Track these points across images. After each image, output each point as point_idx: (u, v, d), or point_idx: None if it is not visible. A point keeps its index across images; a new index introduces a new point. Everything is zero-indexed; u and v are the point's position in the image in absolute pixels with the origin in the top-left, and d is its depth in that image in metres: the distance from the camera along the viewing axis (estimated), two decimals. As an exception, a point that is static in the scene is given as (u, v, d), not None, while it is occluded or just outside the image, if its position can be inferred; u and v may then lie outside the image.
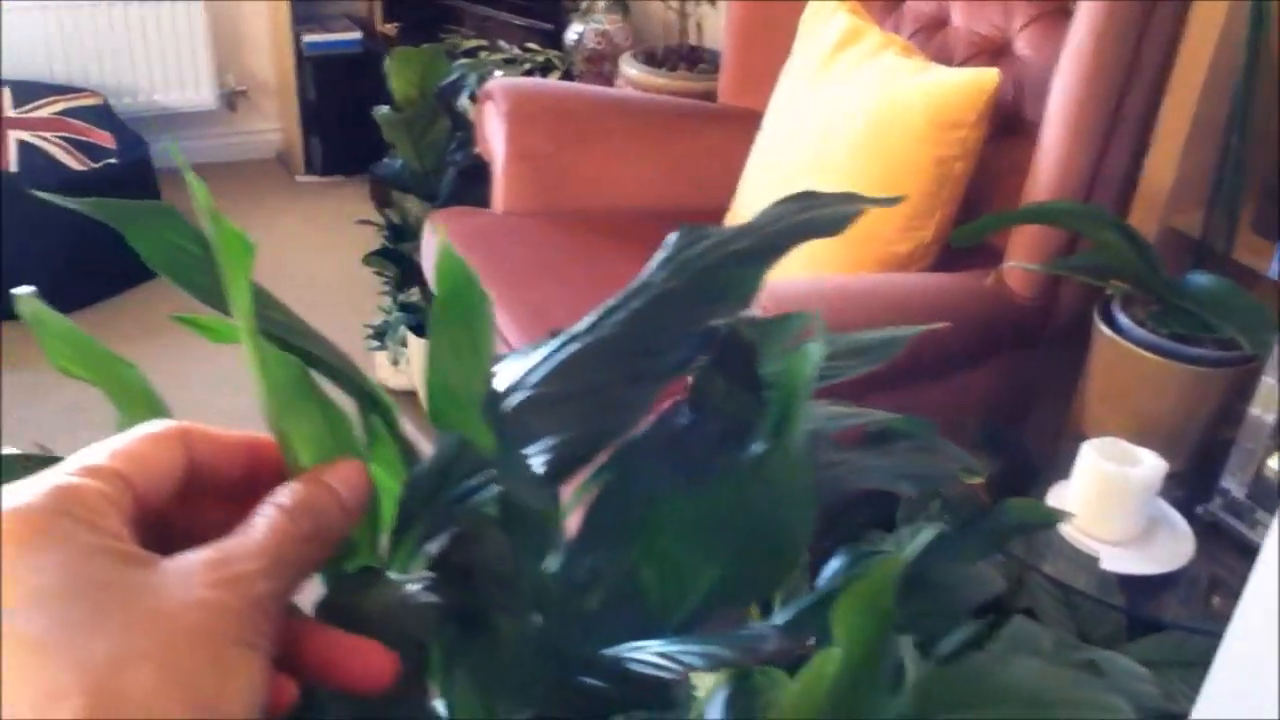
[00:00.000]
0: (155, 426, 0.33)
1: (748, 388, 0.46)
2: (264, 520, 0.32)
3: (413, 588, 0.34)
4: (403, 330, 2.44)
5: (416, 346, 2.40)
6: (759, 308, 0.48)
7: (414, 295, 2.43)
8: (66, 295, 2.69)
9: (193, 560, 0.30)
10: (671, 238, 0.42)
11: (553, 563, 0.36)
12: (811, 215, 0.40)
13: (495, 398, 0.31)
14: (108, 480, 0.31)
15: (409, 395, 2.38)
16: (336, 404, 0.40)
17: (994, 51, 1.79)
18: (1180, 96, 1.48)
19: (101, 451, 0.32)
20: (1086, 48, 1.49)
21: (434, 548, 0.41)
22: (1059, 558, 1.27)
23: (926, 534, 0.44)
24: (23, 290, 0.40)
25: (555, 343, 0.41)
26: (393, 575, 0.37)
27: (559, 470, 0.37)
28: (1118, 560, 1.24)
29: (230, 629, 0.29)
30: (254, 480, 0.35)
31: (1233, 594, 1.28)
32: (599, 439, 0.38)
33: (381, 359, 2.49)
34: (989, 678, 0.42)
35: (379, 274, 2.52)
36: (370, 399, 0.45)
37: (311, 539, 0.33)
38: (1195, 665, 1.18)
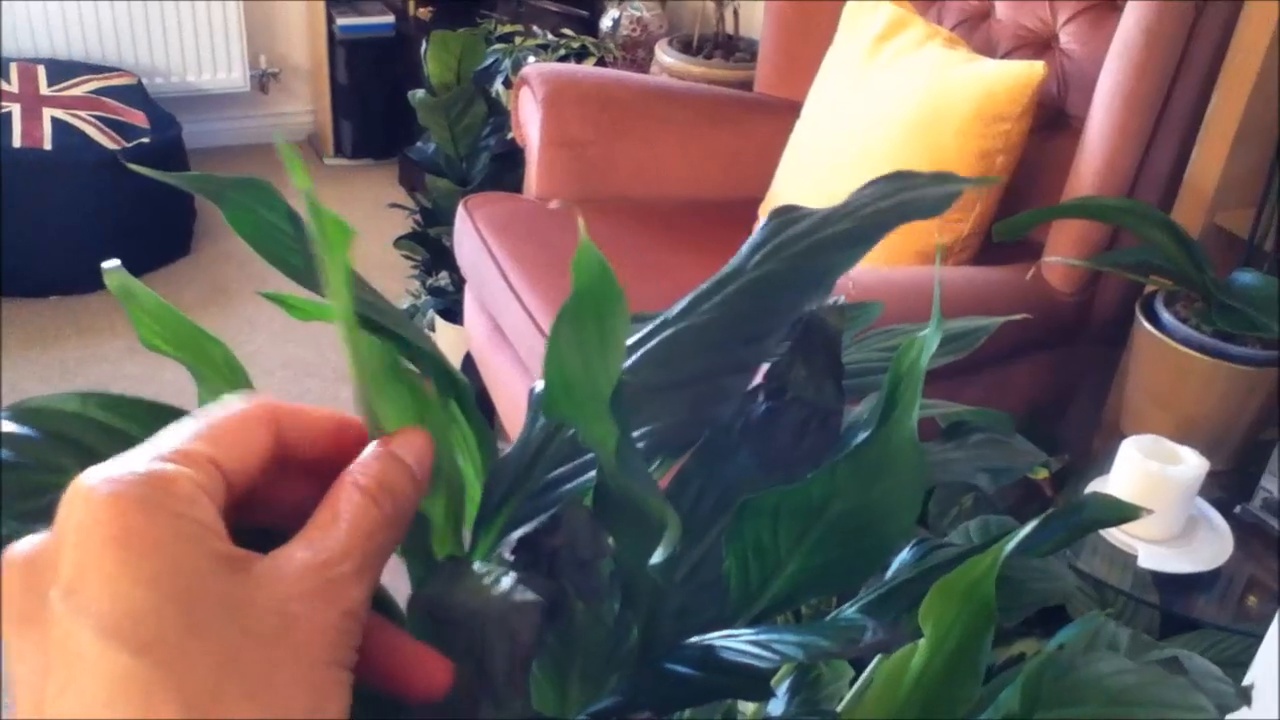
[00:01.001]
0: (244, 404, 0.31)
1: (831, 376, 0.45)
2: (349, 508, 0.30)
3: (507, 582, 0.33)
4: (431, 314, 2.45)
5: (445, 331, 2.41)
6: (844, 294, 0.47)
7: (443, 279, 2.44)
8: (98, 273, 2.71)
9: (287, 566, 0.28)
10: (763, 220, 0.42)
11: (658, 557, 0.36)
12: (910, 196, 0.39)
13: (620, 395, 0.30)
14: (201, 467, 0.28)
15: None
16: (424, 388, 0.39)
17: (1038, 45, 1.77)
18: (1229, 94, 1.46)
19: (190, 432, 0.29)
20: (1136, 43, 1.47)
21: (517, 535, 0.40)
22: (1095, 554, 1.26)
23: (1010, 530, 0.43)
24: (111, 264, 0.39)
25: (646, 329, 0.41)
26: (478, 566, 0.36)
27: (658, 459, 0.37)
28: (1155, 558, 1.24)
29: (327, 650, 0.27)
30: (338, 461, 0.33)
31: (1270, 594, 1.27)
32: (698, 429, 0.37)
33: (411, 343, 2.50)
34: (1071, 675, 0.42)
35: (408, 258, 2.52)
36: (449, 382, 0.45)
37: (393, 522, 0.31)
38: (1230, 665, 1.18)
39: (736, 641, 0.35)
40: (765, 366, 0.46)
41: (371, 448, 0.33)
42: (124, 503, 0.26)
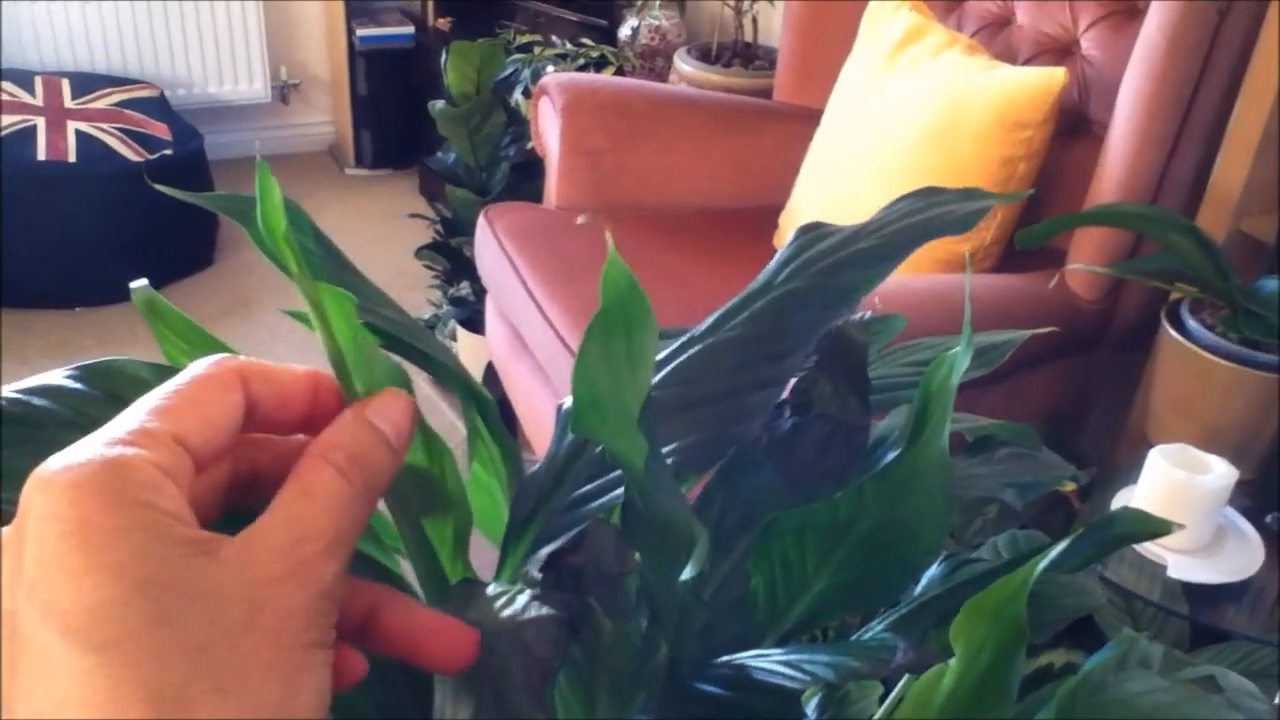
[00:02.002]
0: (209, 367, 0.30)
1: (856, 392, 0.45)
2: (318, 482, 0.29)
3: (522, 600, 0.33)
4: (452, 324, 2.45)
5: (466, 340, 2.41)
6: (871, 306, 0.47)
7: (464, 289, 2.44)
8: (121, 284, 2.73)
9: (256, 548, 0.27)
10: (790, 237, 0.42)
11: (688, 573, 0.35)
12: (936, 213, 0.39)
13: (649, 411, 0.30)
14: (163, 446, 0.27)
15: (459, 388, 2.38)
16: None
17: (1059, 51, 1.76)
18: (1253, 100, 1.45)
19: (150, 407, 0.28)
20: (1158, 49, 1.46)
21: (544, 552, 0.40)
22: (1123, 564, 1.25)
23: (1040, 546, 0.43)
24: (138, 283, 0.39)
25: (674, 344, 0.41)
26: (499, 585, 0.36)
27: (683, 476, 0.37)
28: (1184, 568, 1.22)
29: (300, 631, 0.27)
30: (316, 420, 0.32)
31: (1301, 606, 1.25)
32: (725, 446, 0.37)
33: (431, 352, 2.50)
34: (1102, 695, 0.42)
35: (429, 267, 2.53)
36: (473, 396, 0.45)
37: (365, 495, 0.30)
38: (1262, 678, 1.16)
39: (766, 661, 0.35)
40: (791, 382, 0.46)
41: (345, 414, 0.31)
42: (83, 493, 0.25)
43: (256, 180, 0.28)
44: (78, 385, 0.35)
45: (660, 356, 0.40)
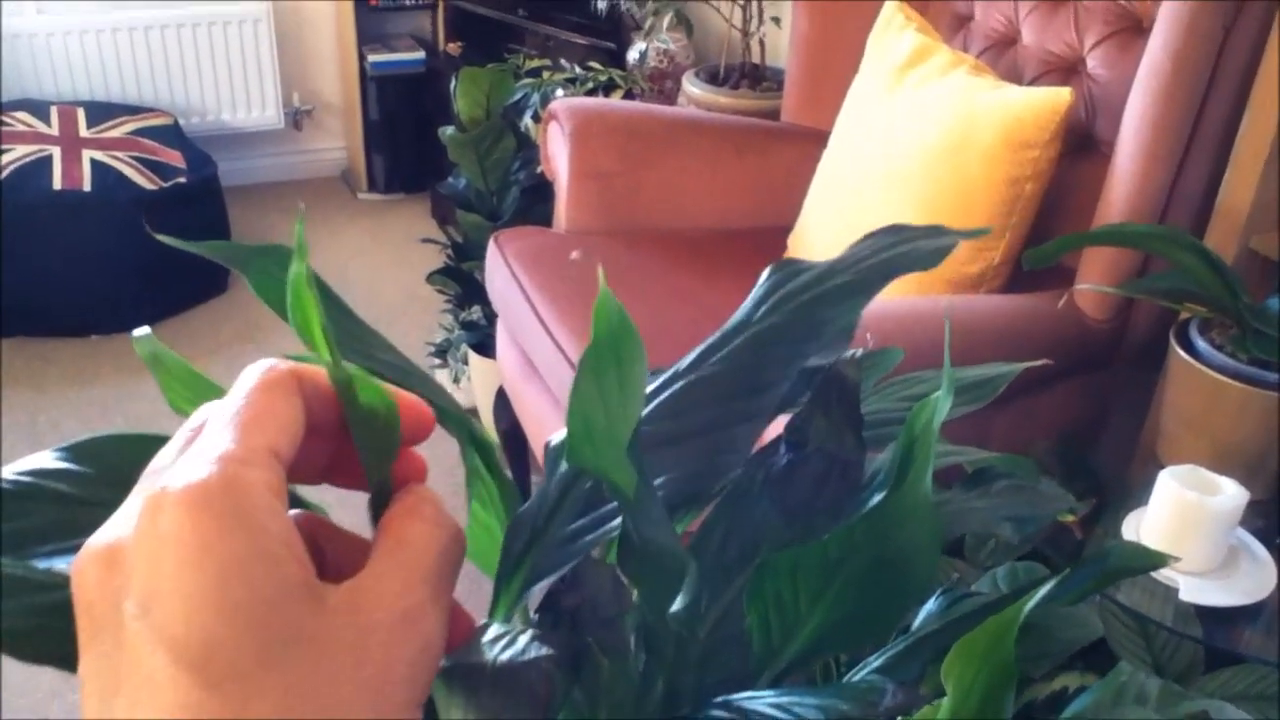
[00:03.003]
0: (269, 373, 0.30)
1: (850, 427, 0.46)
2: (416, 532, 0.29)
3: (523, 641, 0.34)
4: (464, 348, 2.46)
5: (478, 364, 2.42)
6: (863, 341, 0.47)
7: (475, 313, 2.45)
8: (137, 312, 2.75)
9: (363, 596, 0.27)
10: (765, 274, 0.42)
11: (678, 605, 0.36)
12: (904, 250, 0.40)
13: (638, 442, 0.31)
14: (269, 466, 0.27)
15: (468, 413, 2.39)
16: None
17: (1065, 70, 1.77)
18: (1260, 116, 1.45)
19: (239, 421, 0.28)
20: (1163, 68, 1.46)
21: (541, 595, 0.41)
22: (1135, 587, 1.24)
23: (1037, 579, 0.43)
24: (141, 332, 0.40)
25: (658, 381, 0.41)
26: (500, 626, 0.37)
27: (668, 512, 0.37)
28: (1197, 591, 1.22)
29: (401, 688, 0.27)
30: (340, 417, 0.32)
31: (1316, 626, 1.24)
32: (708, 480, 0.38)
33: (443, 377, 2.51)
34: (1099, 727, 0.42)
35: (441, 292, 2.54)
36: (471, 437, 0.45)
37: (455, 543, 0.30)
38: (1276, 700, 1.15)
39: (758, 703, 0.35)
40: (784, 418, 0.46)
41: (404, 492, 0.31)
42: (203, 515, 0.25)
43: (291, 272, 0.29)
44: (67, 465, 0.36)
45: (646, 392, 0.40)
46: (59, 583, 0.36)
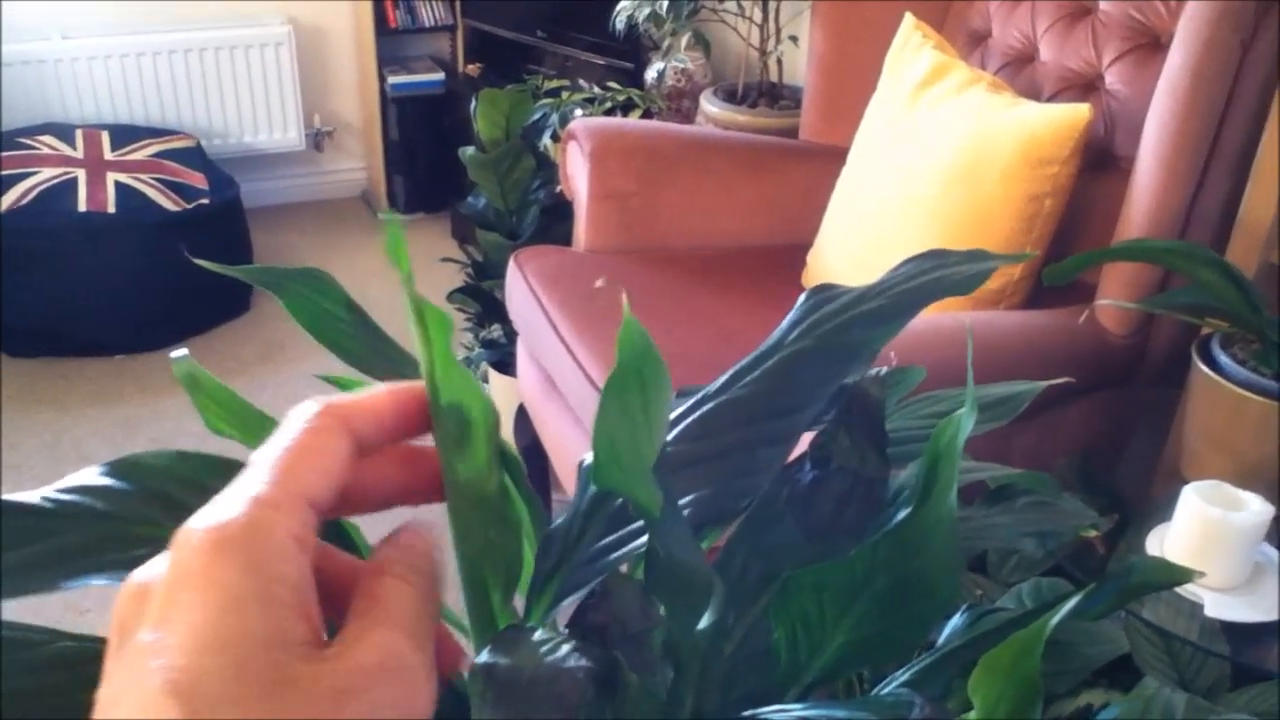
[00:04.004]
0: (318, 418, 0.31)
1: (874, 445, 0.46)
2: (384, 589, 0.30)
3: (565, 649, 0.34)
4: (484, 366, 2.48)
5: (498, 382, 2.43)
6: (886, 360, 0.48)
7: (495, 331, 2.47)
8: (160, 332, 2.78)
9: (351, 643, 0.28)
10: (802, 298, 0.43)
11: (704, 623, 0.36)
12: (942, 275, 0.40)
13: (664, 464, 0.32)
14: (298, 514, 0.29)
15: (491, 430, 2.40)
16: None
17: (1083, 86, 1.77)
18: (1280, 131, 1.45)
19: (280, 466, 0.29)
20: (1182, 83, 1.47)
21: (569, 605, 0.41)
22: (1160, 603, 1.24)
23: (1061, 595, 0.43)
24: (179, 354, 0.41)
25: (689, 402, 0.42)
26: (545, 632, 0.37)
27: (694, 531, 0.38)
28: (1222, 607, 1.21)
29: None
30: (405, 432, 0.34)
31: (1343, 643, 1.23)
32: (735, 499, 0.38)
33: (464, 394, 2.52)
34: (1125, 743, 0.42)
35: (461, 310, 2.55)
36: (501, 455, 0.46)
37: (428, 597, 0.31)
38: (1305, 716, 1.14)
39: (786, 716, 0.36)
40: (809, 436, 0.47)
41: (396, 533, 0.33)
42: (223, 553, 0.27)
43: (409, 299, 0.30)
44: (108, 481, 0.37)
45: (676, 413, 0.41)
46: (51, 639, 0.37)
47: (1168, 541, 1.25)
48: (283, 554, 0.28)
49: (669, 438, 0.41)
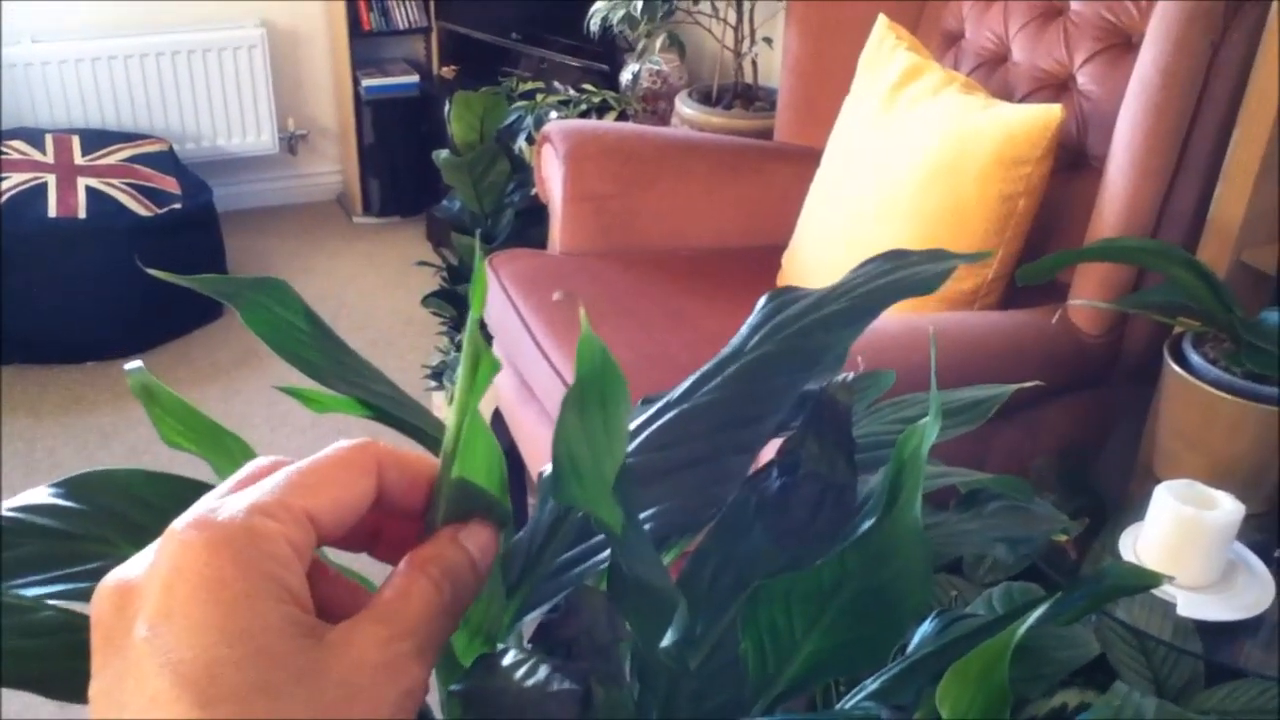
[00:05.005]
0: (351, 450, 0.32)
1: (842, 452, 0.46)
2: (415, 589, 0.31)
3: (544, 671, 0.34)
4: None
5: (475, 386, 2.42)
6: (854, 365, 0.47)
7: (472, 335, 2.45)
8: (134, 338, 2.75)
9: (355, 639, 0.29)
10: (760, 302, 0.42)
11: (670, 638, 0.36)
12: (903, 275, 0.40)
13: (627, 476, 0.31)
14: (297, 525, 0.29)
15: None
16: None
17: (1056, 87, 1.77)
18: (1250, 130, 1.46)
19: (291, 482, 0.30)
20: (1153, 83, 1.47)
21: (534, 619, 0.41)
22: (1133, 603, 1.24)
23: (1032, 601, 0.43)
24: (133, 365, 0.40)
25: (651, 410, 0.41)
26: (516, 653, 0.37)
27: (661, 541, 0.37)
28: (1195, 606, 1.21)
29: None
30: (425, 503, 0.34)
31: (1316, 640, 1.24)
32: (701, 510, 0.38)
33: (439, 399, 2.52)
34: (1096, 750, 0.42)
35: (436, 314, 2.54)
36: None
37: (452, 609, 0.32)
38: (1276, 714, 1.15)
39: (753, 730, 0.35)
40: (776, 443, 0.46)
41: (442, 533, 0.34)
42: (220, 553, 0.27)
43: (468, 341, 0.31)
44: (58, 500, 0.36)
45: (638, 422, 0.41)
46: (40, 606, 0.36)
47: (1141, 541, 1.25)
48: (278, 558, 0.28)
49: (631, 447, 0.40)
